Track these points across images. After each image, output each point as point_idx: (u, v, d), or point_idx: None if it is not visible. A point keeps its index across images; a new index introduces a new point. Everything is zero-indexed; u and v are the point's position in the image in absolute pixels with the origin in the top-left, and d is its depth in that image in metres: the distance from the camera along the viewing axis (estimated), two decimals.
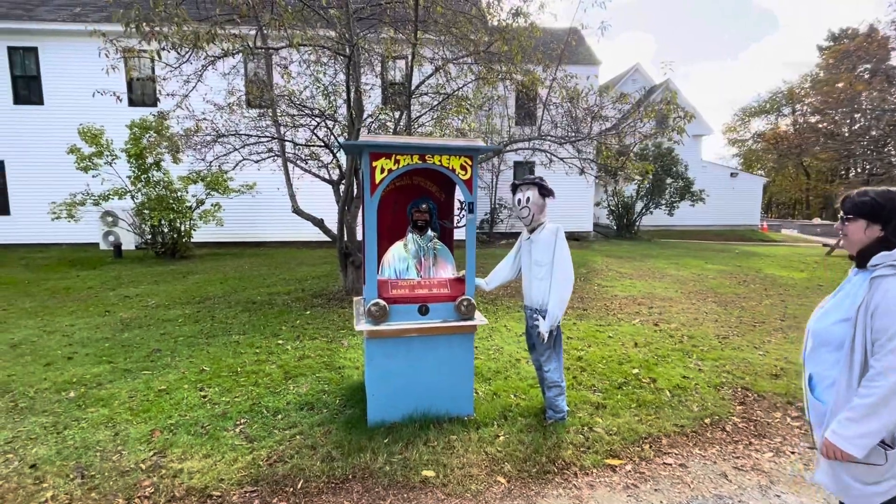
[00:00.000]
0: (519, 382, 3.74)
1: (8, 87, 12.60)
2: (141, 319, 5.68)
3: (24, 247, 12.72)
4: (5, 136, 12.68)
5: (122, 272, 9.05)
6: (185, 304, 6.52)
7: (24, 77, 12.67)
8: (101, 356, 4.36)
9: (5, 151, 12.76)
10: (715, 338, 5.13)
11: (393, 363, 2.95)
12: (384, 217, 3.58)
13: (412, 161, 2.80)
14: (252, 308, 6.23)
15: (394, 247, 3.33)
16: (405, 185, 3.55)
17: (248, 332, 5.14)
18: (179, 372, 3.94)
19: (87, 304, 6.55)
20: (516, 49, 5.18)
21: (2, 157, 12.79)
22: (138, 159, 9.86)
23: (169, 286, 7.73)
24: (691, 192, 16.74)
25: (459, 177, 2.87)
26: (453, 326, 2.96)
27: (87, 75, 9.54)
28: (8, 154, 12.78)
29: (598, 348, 4.69)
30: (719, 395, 3.64)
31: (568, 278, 2.85)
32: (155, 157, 9.74)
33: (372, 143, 2.70)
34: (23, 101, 12.75)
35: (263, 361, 4.18)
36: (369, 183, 2.77)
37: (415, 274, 3.23)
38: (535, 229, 2.96)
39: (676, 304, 6.77)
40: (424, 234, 3.31)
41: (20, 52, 12.61)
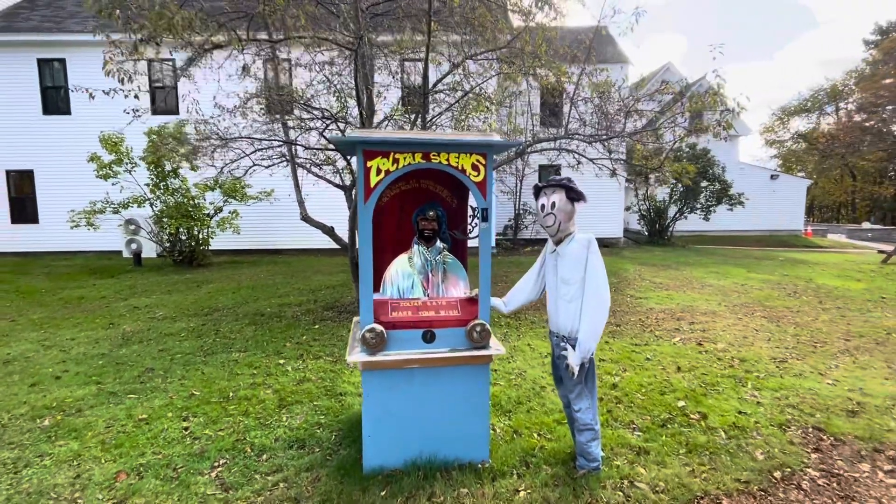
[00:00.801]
0: (544, 417, 3.22)
1: (37, 98, 12.85)
2: (143, 333, 5.41)
3: (52, 254, 12.91)
4: (35, 145, 12.93)
5: (137, 281, 8.93)
6: (193, 315, 6.25)
7: (52, 88, 12.90)
8: (92, 375, 4.07)
9: (35, 161, 13.01)
10: (770, 361, 4.48)
11: (393, 399, 2.49)
12: (388, 226, 3.15)
13: (414, 160, 2.35)
14: (259, 321, 5.89)
15: (397, 260, 2.88)
16: (411, 189, 3.10)
17: (249, 348, 4.78)
18: (167, 396, 3.59)
19: (94, 315, 6.36)
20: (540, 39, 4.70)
21: (31, 167, 13.04)
22: (157, 167, 9.79)
23: (180, 296, 7.52)
24: (729, 195, 15.76)
25: (471, 178, 2.41)
26: (464, 356, 2.48)
27: (112, 85, 9.61)
28: (37, 163, 13.03)
29: (634, 373, 4.12)
30: (786, 437, 3.03)
31: (603, 301, 2.34)
32: (173, 165, 9.65)
33: (365, 138, 2.26)
34: (51, 112, 12.98)
35: (259, 385, 3.79)
36: (363, 186, 2.33)
37: (420, 292, 2.78)
38: (563, 240, 2.46)
39: (720, 320, 6.10)
40: (432, 245, 2.85)
41: (50, 64, 12.85)
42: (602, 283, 2.35)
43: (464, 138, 2.33)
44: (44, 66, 12.83)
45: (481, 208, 2.44)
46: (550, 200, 2.42)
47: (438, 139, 2.31)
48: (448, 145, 2.35)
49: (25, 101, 12.82)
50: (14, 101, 12.76)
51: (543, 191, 2.48)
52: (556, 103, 6.47)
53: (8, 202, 13.17)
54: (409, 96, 6.23)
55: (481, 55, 5.82)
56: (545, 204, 2.45)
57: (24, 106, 12.83)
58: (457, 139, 2.32)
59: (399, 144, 2.32)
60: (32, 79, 12.80)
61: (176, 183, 10.17)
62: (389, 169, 2.34)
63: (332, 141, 2.24)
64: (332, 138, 2.21)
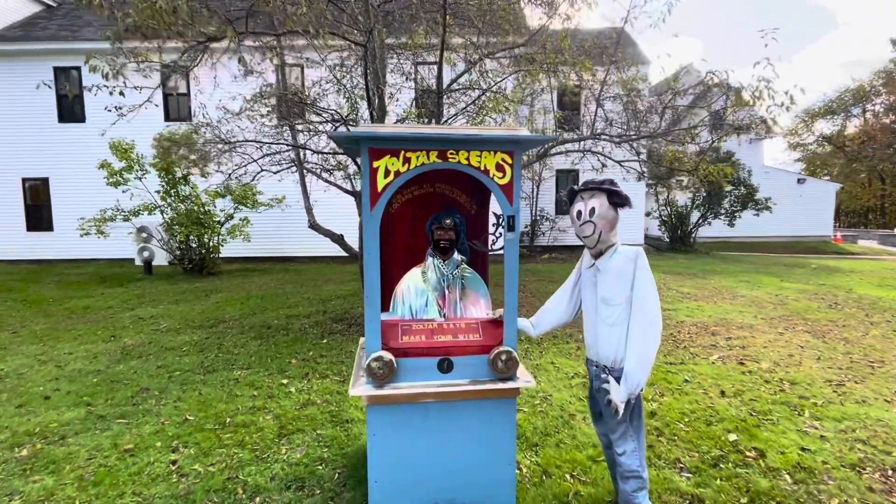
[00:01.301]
0: (576, 452, 2.83)
1: (53, 106, 12.90)
2: (144, 347, 5.14)
3: (66, 262, 12.89)
4: (50, 153, 12.96)
5: (146, 290, 8.75)
6: (197, 327, 5.98)
7: (68, 95, 12.94)
8: (83, 396, 3.79)
9: (50, 168, 13.04)
10: (825, 384, 4.01)
11: (404, 439, 2.13)
12: (399, 235, 2.80)
13: (428, 160, 2.00)
14: (265, 334, 5.60)
15: (409, 275, 2.54)
16: (426, 194, 2.76)
17: (252, 365, 4.47)
18: (159, 422, 3.28)
19: (98, 326, 6.14)
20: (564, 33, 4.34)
21: (47, 174, 13.08)
22: (167, 173, 9.64)
23: (188, 306, 7.28)
24: (755, 199, 15.12)
25: (495, 181, 2.05)
26: (487, 390, 2.11)
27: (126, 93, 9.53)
28: (53, 171, 13.05)
29: (673, 398, 3.69)
30: (864, 481, 2.59)
31: (654, 326, 1.96)
32: (182, 171, 9.50)
33: (371, 133, 1.93)
34: (66, 119, 13.01)
35: (259, 409, 3.47)
36: (369, 191, 1.99)
37: (436, 312, 2.42)
38: (603, 253, 2.08)
39: (760, 334, 5.61)
40: (449, 257, 2.49)
41: (66, 72, 12.90)
42: (653, 305, 1.97)
43: (487, 133, 1.97)
44: (60, 74, 12.89)
45: (507, 215, 2.08)
46: (588, 206, 2.05)
47: (457, 134, 1.95)
48: (468, 141, 2.00)
49: (41, 109, 12.87)
50: (31, 109, 12.82)
51: (580, 195, 2.11)
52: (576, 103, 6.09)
53: (24, 210, 13.21)
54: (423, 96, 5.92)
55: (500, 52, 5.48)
56: (582, 210, 2.08)
57: (41, 114, 12.89)
58: (479, 134, 1.97)
59: (411, 141, 1.98)
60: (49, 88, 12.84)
61: (186, 190, 10.02)
62: (400, 170, 2.00)
63: (333, 137, 1.92)
64: (334, 134, 1.87)
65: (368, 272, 2.04)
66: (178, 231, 9.79)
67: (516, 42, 5.75)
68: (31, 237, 13.25)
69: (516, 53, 5.56)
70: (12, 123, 12.86)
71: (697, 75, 4.95)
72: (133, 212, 9.79)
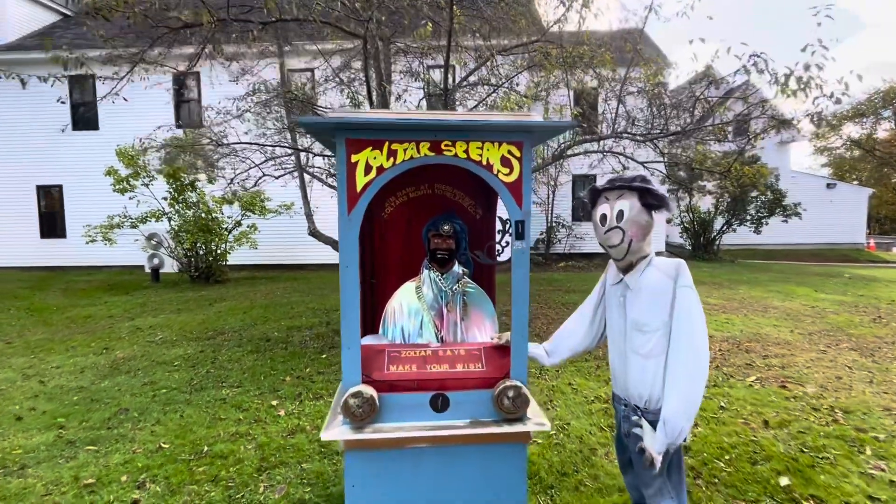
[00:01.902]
0: (599, 498, 2.42)
1: (67, 114, 12.96)
2: (135, 361, 4.87)
3: (78, 269, 12.87)
4: (64, 161, 13.01)
5: (150, 299, 8.56)
6: (194, 339, 5.71)
7: (81, 104, 13.01)
8: (58, 417, 3.51)
9: (64, 176, 13.08)
10: (884, 413, 3.51)
11: (389, 492, 1.76)
12: (394, 245, 2.45)
13: (418, 153, 1.64)
14: (263, 348, 5.29)
15: (401, 291, 2.17)
16: (423, 197, 2.40)
17: (243, 383, 4.15)
18: (130, 450, 2.97)
19: (94, 336, 5.92)
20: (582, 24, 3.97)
21: (60, 182, 13.12)
22: (175, 180, 9.50)
23: (189, 316, 7.03)
24: (783, 205, 14.41)
25: (500, 178, 1.68)
26: (491, 434, 1.73)
27: (137, 99, 9.46)
28: (67, 178, 13.10)
29: (709, 429, 3.24)
30: None
31: (700, 359, 1.56)
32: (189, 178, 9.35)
33: (347, 120, 1.57)
34: (80, 127, 13.06)
35: (241, 436, 3.13)
36: (346, 191, 1.64)
37: (432, 335, 2.06)
38: (634, 266, 1.69)
39: (800, 352, 5.10)
40: (448, 270, 2.12)
41: (80, 80, 12.97)
42: (699, 334, 1.57)
43: (490, 119, 1.60)
44: (74, 82, 12.95)
45: (515, 220, 1.71)
46: (615, 209, 1.67)
47: (453, 121, 1.59)
48: (467, 129, 1.63)
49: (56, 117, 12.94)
50: (45, 116, 12.90)
51: (604, 195, 1.73)
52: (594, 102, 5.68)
53: (38, 217, 13.27)
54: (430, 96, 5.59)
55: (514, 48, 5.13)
56: (607, 214, 1.69)
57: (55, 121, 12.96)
58: (480, 120, 1.60)
59: (397, 129, 1.62)
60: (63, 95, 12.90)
61: (193, 197, 9.86)
62: (384, 165, 1.64)
63: (303, 125, 1.57)
64: (304, 120, 1.52)
65: (346, 288, 1.68)
66: (185, 238, 9.62)
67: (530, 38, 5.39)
68: (45, 244, 13.29)
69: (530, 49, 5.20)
70: (28, 131, 12.95)
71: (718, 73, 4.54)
72: (140, 219, 9.66)
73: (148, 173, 9.59)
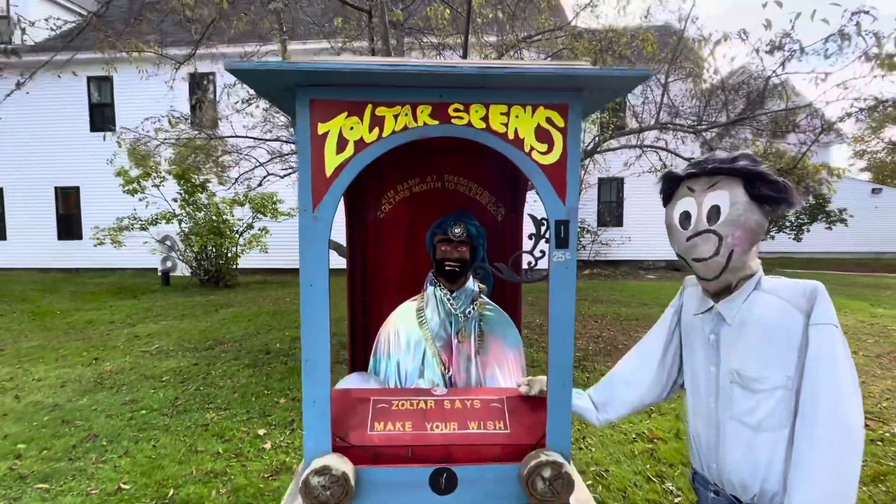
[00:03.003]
0: None
1: (86, 116, 12.94)
2: (122, 374, 4.48)
3: (93, 271, 12.77)
4: (82, 162, 12.97)
5: (156, 303, 8.27)
6: (191, 350, 5.31)
7: (99, 105, 12.97)
8: (20, 441, 3.10)
9: (81, 177, 13.04)
10: None
11: None
12: (391, 252, 1.94)
13: (415, 121, 1.12)
14: (261, 361, 4.84)
15: (399, 313, 1.66)
16: (431, 192, 1.89)
17: (232, 405, 3.69)
18: (84, 490, 2.52)
19: (88, 344, 5.58)
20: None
21: (77, 183, 13.08)
22: (186, 181, 9.23)
23: (191, 323, 6.67)
24: (826, 211, 13.43)
25: (535, 158, 1.14)
26: None
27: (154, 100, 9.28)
28: (84, 180, 13.05)
29: None
30: None
31: (852, 435, 0.99)
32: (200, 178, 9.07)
33: (309, 68, 1.05)
34: (98, 128, 13.01)
35: (217, 476, 2.65)
36: (309, 176, 1.13)
37: (437, 375, 1.53)
38: (734, 289, 1.13)
39: (871, 379, 4.40)
40: (460, 287, 1.60)
41: (98, 82, 12.94)
42: (850, 397, 1.00)
43: (522, 67, 1.07)
44: (92, 84, 12.94)
45: (556, 220, 1.17)
46: (706, 203, 1.12)
47: (465, 69, 1.06)
48: (487, 83, 1.11)
49: (74, 119, 12.93)
50: (64, 118, 12.90)
51: (686, 184, 1.18)
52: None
53: (56, 218, 13.26)
54: None
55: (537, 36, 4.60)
56: (692, 212, 1.15)
57: (73, 123, 12.95)
58: (505, 69, 1.06)
59: (383, 83, 1.10)
60: (82, 96, 12.92)
61: (204, 198, 9.58)
62: (364, 138, 1.13)
63: (236, 72, 1.02)
64: (238, 66, 1.00)
65: (309, 319, 1.18)
66: (195, 241, 9.33)
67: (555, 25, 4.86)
68: (62, 246, 13.26)
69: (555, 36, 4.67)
70: (47, 133, 12.96)
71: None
72: (150, 221, 9.41)
73: (159, 173, 9.34)
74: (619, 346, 5.59)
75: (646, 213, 12.95)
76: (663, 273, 12.76)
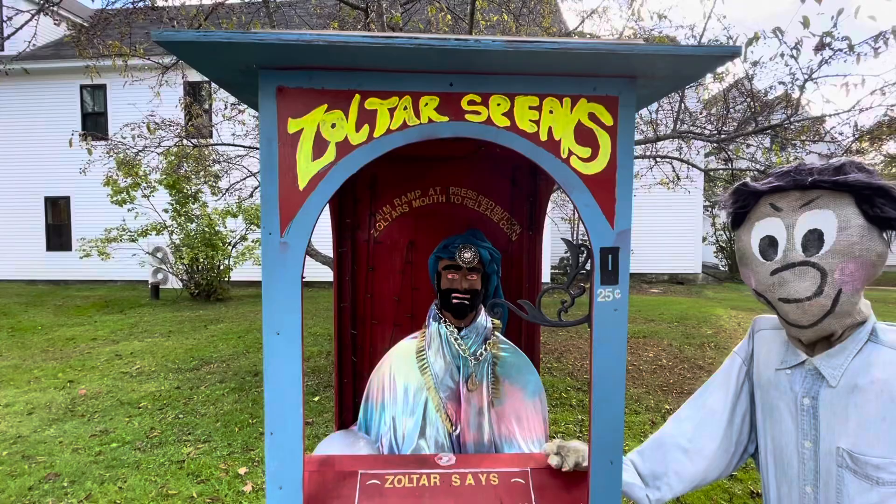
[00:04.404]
0: None
1: (78, 124, 12.71)
2: (98, 399, 4.15)
3: (82, 283, 12.42)
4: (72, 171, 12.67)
5: (143, 318, 7.94)
6: (174, 371, 4.98)
7: (92, 114, 12.75)
8: None
9: (72, 187, 12.75)
10: None
11: None
12: (387, 279, 1.65)
13: (418, 117, 0.85)
14: (249, 384, 4.53)
15: (395, 354, 1.37)
16: (434, 206, 1.61)
17: (212, 436, 3.37)
18: None
19: (66, 364, 5.25)
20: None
21: (68, 193, 12.80)
22: (178, 191, 8.96)
23: (178, 340, 6.34)
24: None
25: (574, 166, 0.87)
26: None
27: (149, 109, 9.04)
28: (74, 190, 12.76)
29: None
30: None
31: None
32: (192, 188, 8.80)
33: (278, 40, 0.78)
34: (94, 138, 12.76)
35: None
36: (276, 188, 0.85)
37: (441, 433, 1.24)
38: (837, 341, 0.85)
39: None
40: (470, 323, 1.31)
41: (91, 90, 12.74)
42: None
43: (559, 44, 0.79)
44: (85, 92, 12.73)
45: (600, 248, 0.89)
46: (804, 225, 0.85)
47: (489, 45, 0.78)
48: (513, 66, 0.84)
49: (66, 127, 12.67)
50: (56, 126, 12.65)
51: (769, 200, 0.90)
52: None
53: (45, 229, 12.94)
54: None
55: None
56: (777, 237, 0.87)
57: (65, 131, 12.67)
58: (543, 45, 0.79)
59: (375, 66, 0.83)
60: (74, 105, 12.71)
61: (196, 209, 9.30)
62: (351, 140, 0.85)
63: (167, 46, 0.76)
64: (163, 36, 0.72)
65: (274, 376, 0.89)
66: (186, 253, 9.02)
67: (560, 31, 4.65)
68: (51, 257, 12.92)
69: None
70: (38, 141, 12.72)
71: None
72: (140, 232, 9.11)
73: (149, 183, 9.07)
74: (628, 367, 5.29)
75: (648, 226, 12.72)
76: (668, 287, 12.49)
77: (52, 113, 12.61)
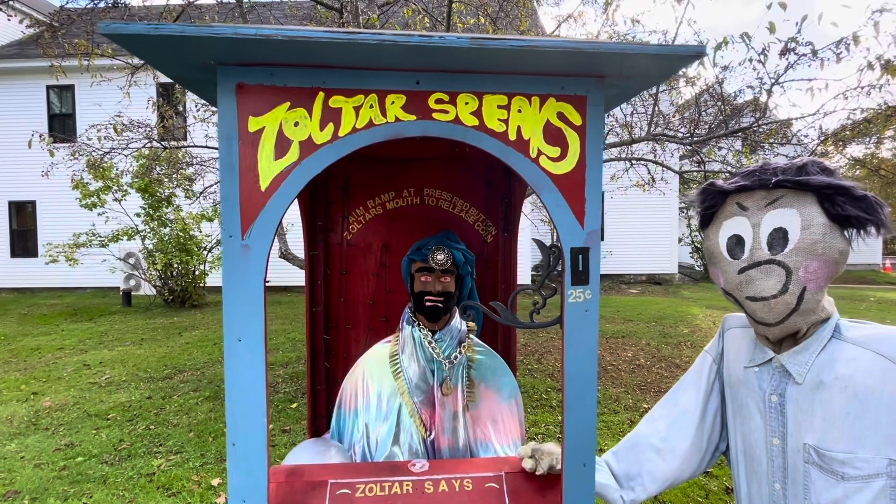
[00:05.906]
0: None
1: (44, 126, 12.27)
2: (64, 411, 3.99)
3: (50, 291, 11.98)
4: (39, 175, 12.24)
5: (113, 326, 7.68)
6: (146, 380, 4.83)
7: (60, 115, 12.34)
8: None
9: (38, 191, 12.29)
10: None
11: None
12: (360, 282, 1.62)
13: (384, 115, 0.83)
14: (223, 392, 4.39)
15: (368, 358, 1.34)
16: (407, 209, 1.59)
17: (185, 447, 3.26)
18: None
19: (30, 376, 5.03)
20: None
21: (34, 197, 12.34)
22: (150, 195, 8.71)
23: (150, 348, 6.15)
24: None
25: (544, 166, 0.86)
26: None
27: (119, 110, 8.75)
28: (40, 194, 12.30)
29: None
30: None
31: None
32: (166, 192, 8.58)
33: (233, 34, 0.75)
34: (58, 140, 12.33)
35: None
36: (237, 190, 0.82)
37: (415, 439, 1.22)
38: (804, 337, 0.86)
39: None
40: (444, 326, 1.29)
41: (58, 91, 12.33)
42: None
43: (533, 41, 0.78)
44: (52, 93, 12.31)
45: (570, 248, 0.88)
46: (769, 224, 0.85)
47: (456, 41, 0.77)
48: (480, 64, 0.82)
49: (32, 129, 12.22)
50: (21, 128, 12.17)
51: (736, 200, 0.91)
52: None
53: (9, 234, 12.44)
54: None
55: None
56: (745, 237, 0.88)
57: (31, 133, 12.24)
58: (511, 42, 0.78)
59: (339, 63, 0.81)
60: (41, 106, 12.27)
61: (170, 213, 9.07)
62: (315, 138, 0.82)
63: (115, 39, 0.72)
64: (122, 30, 0.68)
65: (235, 385, 0.86)
66: (159, 258, 8.77)
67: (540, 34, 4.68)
68: (16, 264, 12.42)
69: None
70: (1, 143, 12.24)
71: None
72: (111, 237, 8.83)
73: (121, 187, 8.81)
74: (607, 367, 5.35)
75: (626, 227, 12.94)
76: (646, 287, 12.70)
77: (16, 114, 12.15)
